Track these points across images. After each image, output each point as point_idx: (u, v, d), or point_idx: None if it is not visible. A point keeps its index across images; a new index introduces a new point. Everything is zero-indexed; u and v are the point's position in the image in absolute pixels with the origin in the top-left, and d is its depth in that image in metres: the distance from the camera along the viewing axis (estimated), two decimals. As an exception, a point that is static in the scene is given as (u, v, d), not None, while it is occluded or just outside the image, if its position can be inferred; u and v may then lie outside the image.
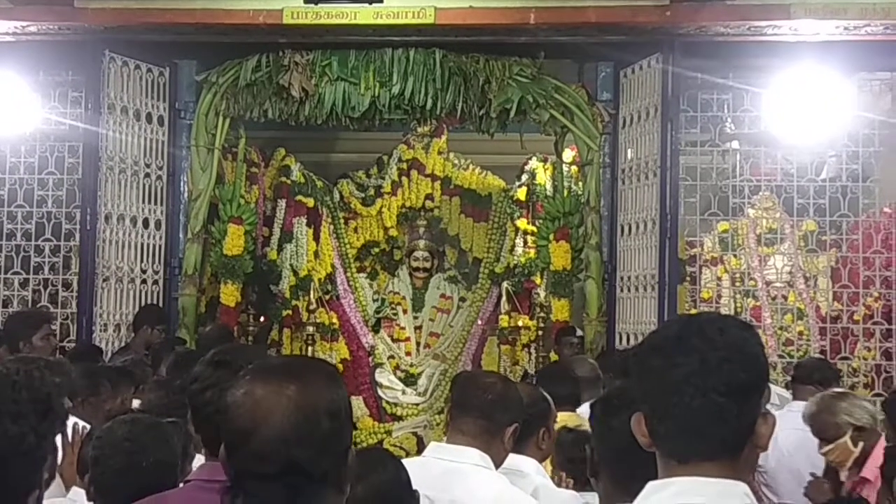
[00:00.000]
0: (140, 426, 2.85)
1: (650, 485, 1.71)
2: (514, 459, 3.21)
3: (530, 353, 8.75)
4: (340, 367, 8.81)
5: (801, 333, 7.61)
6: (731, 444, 1.66)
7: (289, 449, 1.66)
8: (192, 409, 2.37)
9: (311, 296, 8.82)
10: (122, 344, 7.29)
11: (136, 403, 4.66)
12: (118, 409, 4.16)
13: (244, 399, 1.71)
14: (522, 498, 3.00)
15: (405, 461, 2.79)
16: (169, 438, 2.83)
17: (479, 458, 2.98)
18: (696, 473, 1.65)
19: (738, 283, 7.81)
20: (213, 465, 2.25)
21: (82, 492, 2.96)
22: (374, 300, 9.45)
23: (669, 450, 1.69)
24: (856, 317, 7.46)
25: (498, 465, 3.04)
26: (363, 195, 9.46)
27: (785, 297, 7.70)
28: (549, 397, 3.55)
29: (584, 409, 4.38)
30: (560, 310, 7.86)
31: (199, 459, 2.74)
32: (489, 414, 3.02)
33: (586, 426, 2.93)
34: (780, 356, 7.51)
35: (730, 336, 1.68)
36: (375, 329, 9.39)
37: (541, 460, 3.39)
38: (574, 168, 8.22)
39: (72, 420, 3.35)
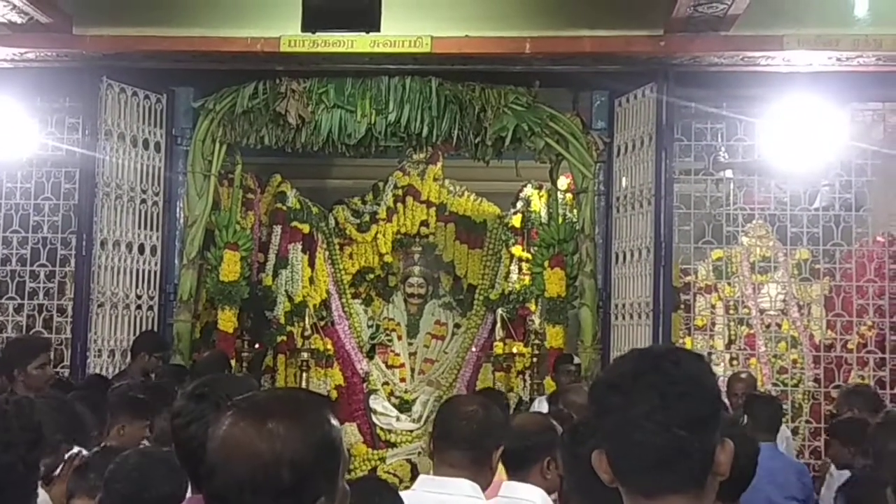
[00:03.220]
0: (151, 459, 2.93)
1: None
2: (518, 489, 3.20)
3: (525, 380, 8.76)
4: (335, 393, 8.82)
5: (794, 362, 7.63)
6: (696, 476, 1.66)
7: (244, 495, 1.59)
8: (176, 444, 2.35)
9: (306, 322, 8.82)
10: (117, 370, 7.27)
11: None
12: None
13: (214, 435, 1.66)
14: None
15: None
16: (177, 472, 2.84)
17: (471, 489, 2.97)
18: None
19: (731, 311, 7.84)
20: (200, 499, 2.25)
21: None
22: (369, 326, 9.46)
23: (635, 486, 1.69)
24: (850, 345, 7.48)
25: (485, 487, 3.03)
26: (358, 221, 9.47)
27: (779, 326, 7.72)
28: (558, 428, 3.52)
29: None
30: (554, 337, 7.88)
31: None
32: (476, 444, 3.01)
33: None
34: (774, 384, 7.52)
35: (686, 369, 1.69)
36: (370, 355, 9.38)
37: (548, 490, 3.35)
38: (569, 196, 8.26)
39: (76, 449, 3.36)
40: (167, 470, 2.83)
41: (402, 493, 3.00)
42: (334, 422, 1.68)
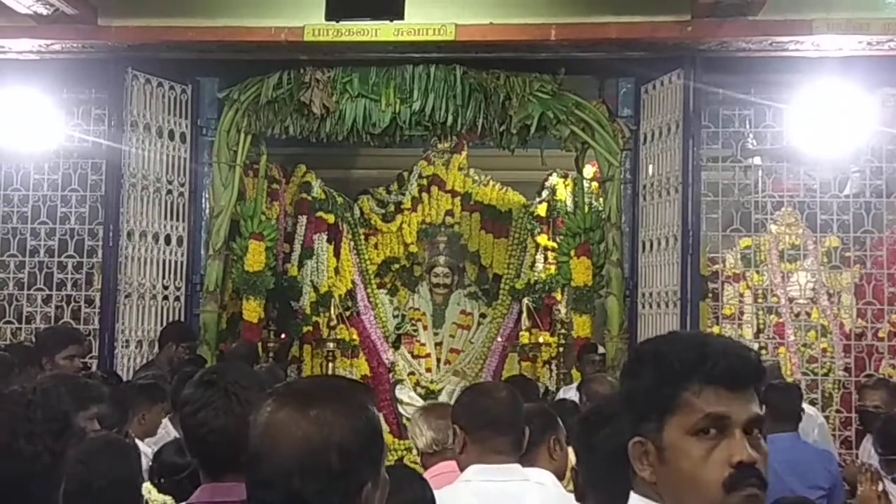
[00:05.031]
0: (93, 446, 2.77)
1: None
2: (530, 474, 3.18)
3: (551, 370, 8.72)
4: (360, 383, 8.81)
5: (824, 350, 7.53)
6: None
7: (292, 481, 1.59)
8: (185, 432, 2.32)
9: (332, 312, 8.82)
10: (144, 360, 7.30)
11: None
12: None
13: (259, 422, 1.65)
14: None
15: (450, 490, 2.77)
16: (126, 455, 2.77)
17: (520, 472, 3.01)
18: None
19: (760, 300, 7.75)
20: (214, 486, 2.22)
21: None
22: (395, 316, 9.45)
23: None
24: (880, 333, 7.38)
25: None
26: (383, 211, 9.47)
27: (808, 314, 7.63)
28: (553, 412, 3.53)
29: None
30: (581, 326, 7.82)
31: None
32: (517, 427, 3.06)
33: None
34: (804, 373, 7.44)
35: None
36: (396, 345, 9.38)
37: (557, 473, 3.31)
38: (595, 184, 8.20)
39: None
40: (115, 453, 2.75)
41: (455, 486, 2.98)
42: (373, 408, 1.69)
